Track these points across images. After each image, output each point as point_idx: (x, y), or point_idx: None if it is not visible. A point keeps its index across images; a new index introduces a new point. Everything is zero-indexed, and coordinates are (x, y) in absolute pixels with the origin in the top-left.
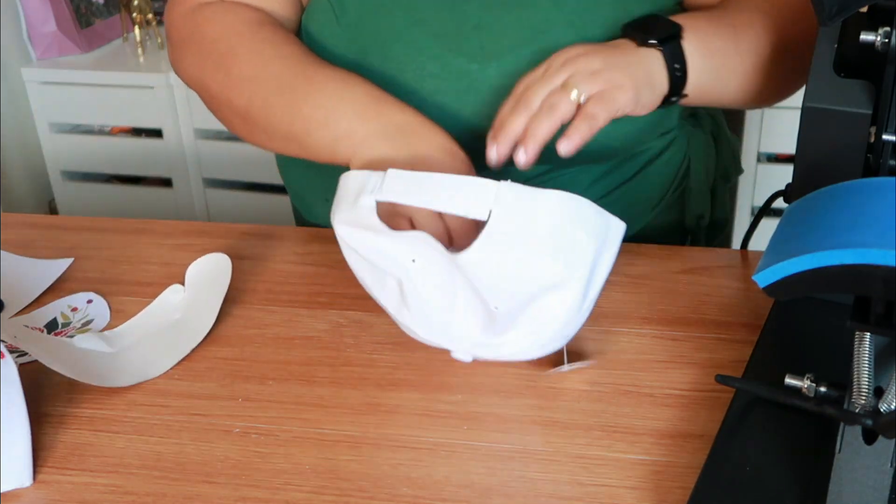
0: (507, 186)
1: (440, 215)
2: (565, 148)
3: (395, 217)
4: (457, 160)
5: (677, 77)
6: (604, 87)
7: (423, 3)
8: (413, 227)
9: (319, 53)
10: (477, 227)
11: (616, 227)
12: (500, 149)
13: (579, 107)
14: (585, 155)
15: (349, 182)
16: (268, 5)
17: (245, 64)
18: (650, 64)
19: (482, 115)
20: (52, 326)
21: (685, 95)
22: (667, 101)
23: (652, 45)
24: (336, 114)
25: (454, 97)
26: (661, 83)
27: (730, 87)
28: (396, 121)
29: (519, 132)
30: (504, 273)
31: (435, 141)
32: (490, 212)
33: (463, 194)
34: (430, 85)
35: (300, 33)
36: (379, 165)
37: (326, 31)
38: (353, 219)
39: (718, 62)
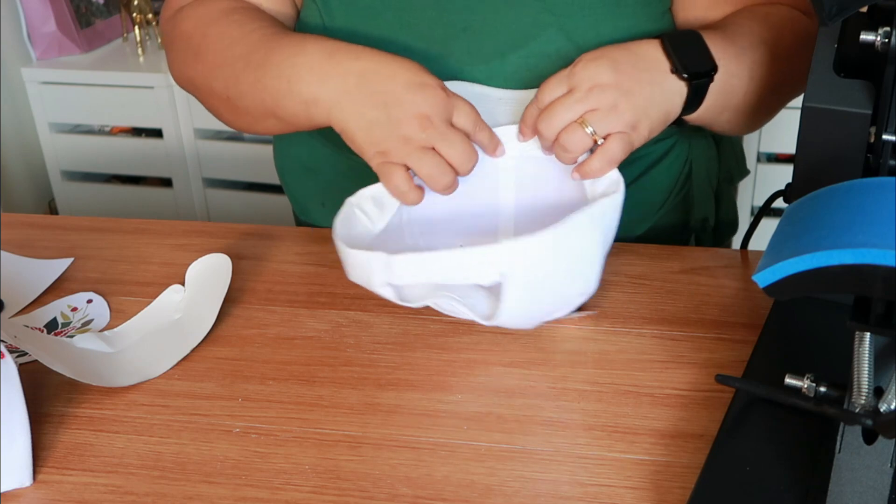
0: (507, 249)
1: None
2: (576, 179)
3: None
4: (427, 91)
5: (689, 110)
6: (622, 130)
7: (411, 6)
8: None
9: None
10: None
11: (612, 202)
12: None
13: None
14: None
15: (352, 259)
16: (264, 3)
17: (217, 50)
18: (672, 97)
19: None
20: (52, 326)
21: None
22: None
23: (684, 79)
24: (296, 80)
25: None
26: (674, 115)
27: (720, 121)
28: (355, 70)
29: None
30: (532, 311)
31: (400, 80)
32: (501, 273)
33: (469, 265)
34: None
35: None
36: (355, 124)
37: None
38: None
39: (727, 101)
